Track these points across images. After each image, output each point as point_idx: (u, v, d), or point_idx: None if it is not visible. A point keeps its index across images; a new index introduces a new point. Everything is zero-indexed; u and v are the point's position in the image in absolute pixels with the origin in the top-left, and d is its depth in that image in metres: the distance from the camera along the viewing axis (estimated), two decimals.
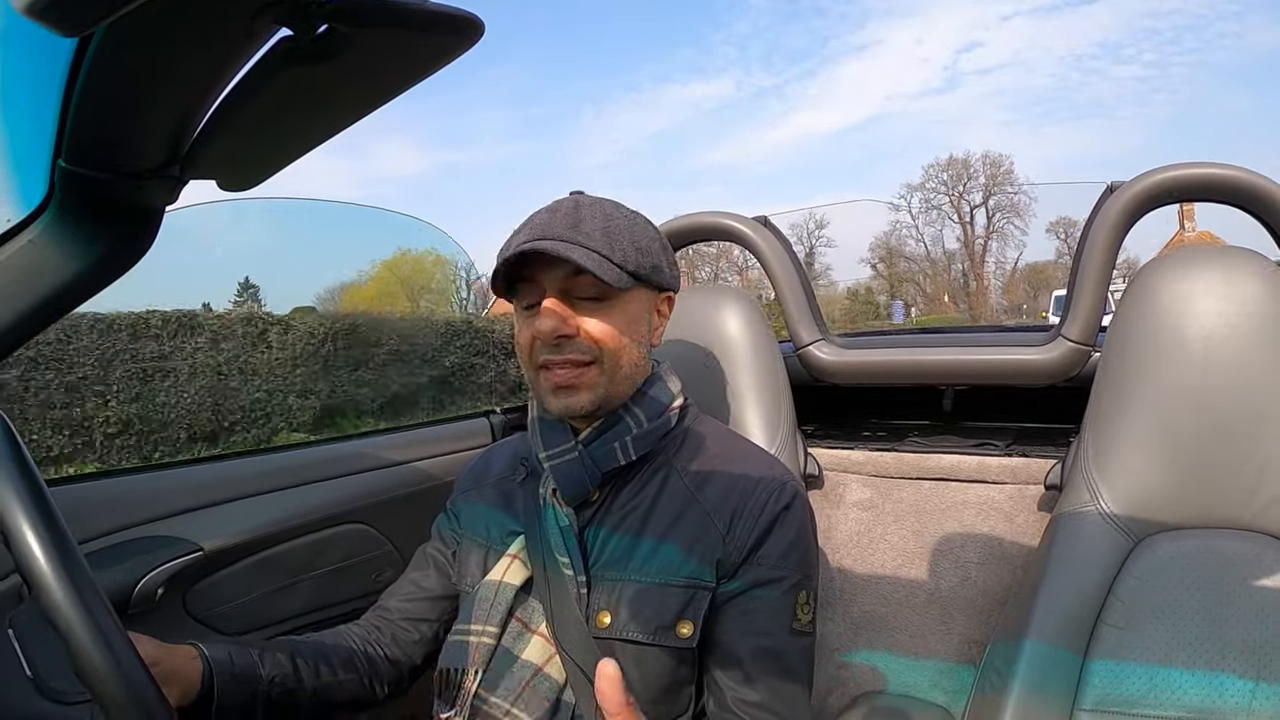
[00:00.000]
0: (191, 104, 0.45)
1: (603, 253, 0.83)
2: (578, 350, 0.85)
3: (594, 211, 0.86)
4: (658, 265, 0.89)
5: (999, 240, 11.89)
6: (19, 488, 0.56)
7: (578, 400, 0.86)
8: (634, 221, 0.89)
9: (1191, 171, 1.11)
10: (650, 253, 0.88)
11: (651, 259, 0.88)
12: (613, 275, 0.83)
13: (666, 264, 0.92)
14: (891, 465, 1.40)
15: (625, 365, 0.88)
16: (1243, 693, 0.85)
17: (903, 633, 1.31)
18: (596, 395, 0.86)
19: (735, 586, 0.86)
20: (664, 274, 0.91)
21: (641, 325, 0.90)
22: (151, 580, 1.06)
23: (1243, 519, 0.95)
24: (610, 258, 0.83)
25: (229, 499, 1.21)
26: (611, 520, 0.90)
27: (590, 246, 0.83)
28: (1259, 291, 0.97)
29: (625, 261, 0.84)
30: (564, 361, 0.85)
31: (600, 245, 0.83)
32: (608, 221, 0.85)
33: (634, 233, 0.87)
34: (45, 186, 0.55)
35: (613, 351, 0.86)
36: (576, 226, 0.84)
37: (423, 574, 1.01)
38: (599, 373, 0.86)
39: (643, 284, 0.88)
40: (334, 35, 0.38)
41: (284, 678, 0.85)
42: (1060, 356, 1.25)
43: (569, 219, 0.85)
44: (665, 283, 0.92)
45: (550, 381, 0.86)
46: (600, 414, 0.89)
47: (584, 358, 0.85)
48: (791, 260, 1.48)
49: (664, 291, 0.94)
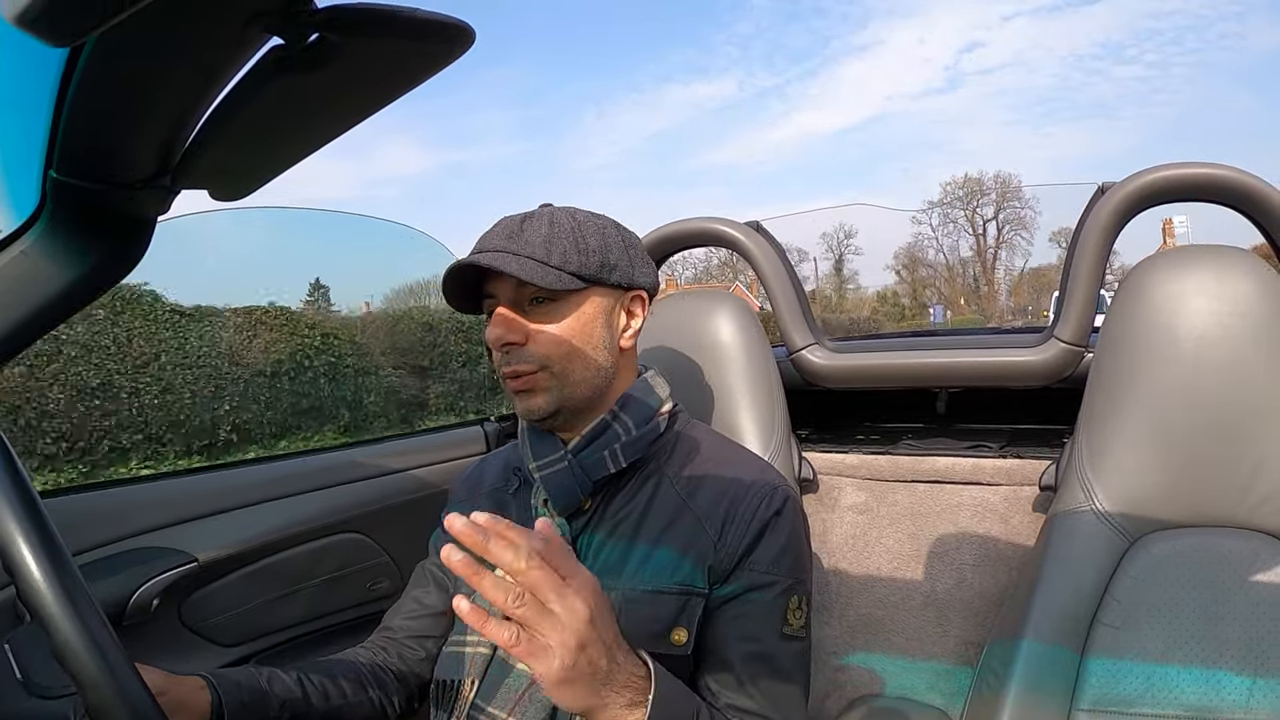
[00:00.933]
0: (183, 114, 0.45)
1: (537, 258, 0.84)
2: (523, 360, 0.86)
3: (540, 221, 0.87)
4: (609, 263, 0.88)
5: (1007, 249, 13.95)
6: (12, 501, 0.56)
7: (535, 403, 0.87)
8: (583, 225, 0.88)
9: (1183, 171, 1.12)
10: (597, 251, 0.87)
11: (600, 257, 0.87)
12: (549, 279, 0.83)
13: (626, 262, 0.91)
14: (886, 468, 1.40)
15: (579, 368, 0.88)
16: (1240, 690, 0.85)
17: (899, 635, 1.31)
18: (551, 398, 0.87)
19: (728, 592, 0.86)
20: (621, 271, 0.90)
21: (596, 326, 0.89)
22: (146, 591, 1.06)
23: (1237, 517, 0.96)
24: (546, 261, 0.84)
25: (224, 509, 1.21)
26: (604, 528, 0.89)
27: (524, 254, 0.84)
28: (1251, 290, 0.98)
29: (565, 263, 0.85)
30: (512, 371, 0.87)
31: (536, 251, 0.84)
32: (551, 228, 0.86)
33: (579, 235, 0.87)
34: (37, 197, 0.55)
35: (561, 356, 0.87)
36: (514, 236, 0.86)
37: (424, 591, 1.01)
38: (549, 377, 0.87)
39: (595, 284, 0.88)
40: (325, 44, 0.38)
41: (293, 703, 0.84)
42: (1053, 357, 1.25)
43: (507, 230, 0.87)
44: (626, 280, 0.91)
45: (510, 386, 0.88)
46: (564, 417, 0.89)
47: (529, 367, 0.86)
48: (784, 265, 1.48)
49: (631, 290, 0.93)
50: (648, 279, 0.94)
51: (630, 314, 0.93)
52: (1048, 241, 14.39)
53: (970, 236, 15.01)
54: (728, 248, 1.49)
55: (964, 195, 14.33)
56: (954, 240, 15.50)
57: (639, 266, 0.93)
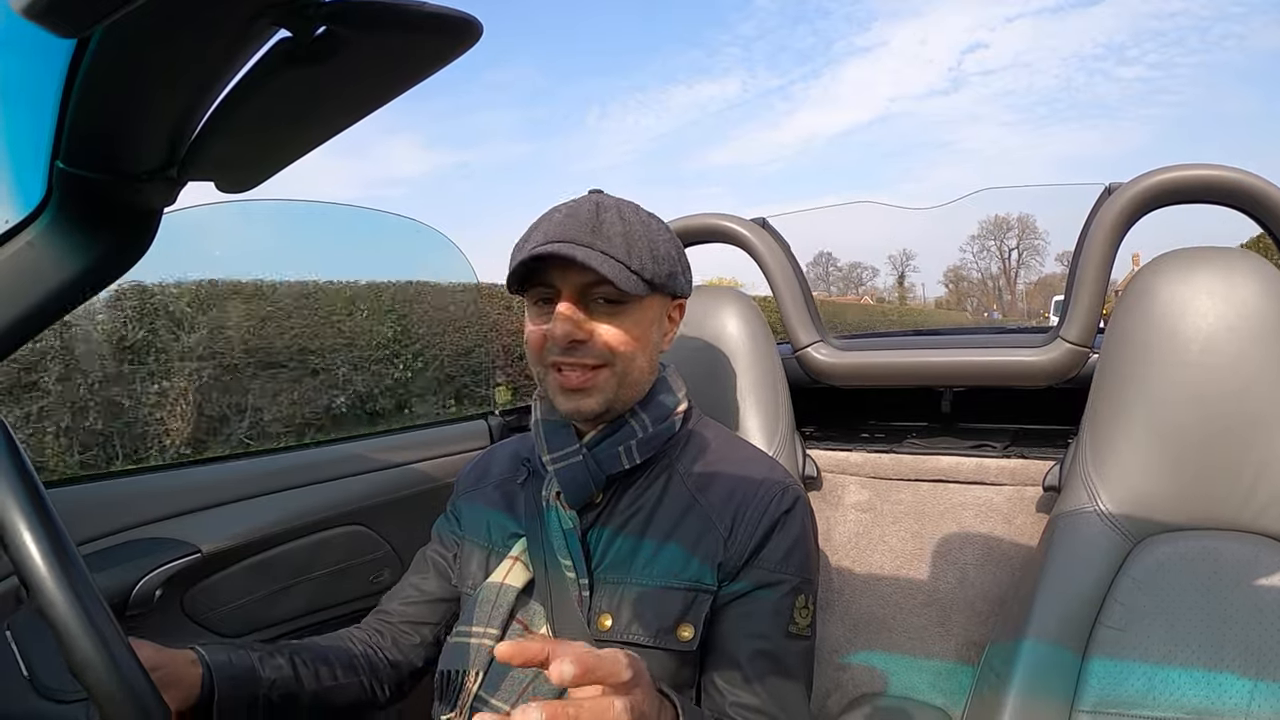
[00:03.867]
0: (190, 105, 0.45)
1: (621, 259, 0.82)
2: (590, 355, 0.85)
3: (613, 215, 0.85)
4: (674, 273, 0.88)
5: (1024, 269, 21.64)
6: (16, 490, 0.56)
7: (587, 403, 0.86)
8: (651, 227, 0.87)
9: (1190, 173, 1.11)
10: (667, 260, 0.87)
11: (668, 266, 0.87)
12: (631, 284, 0.82)
13: (681, 270, 0.91)
14: (890, 467, 1.40)
15: (636, 371, 0.88)
16: (1241, 693, 0.85)
17: (901, 634, 1.31)
18: (606, 399, 0.86)
19: (736, 589, 0.86)
20: (679, 281, 0.90)
21: (653, 332, 0.89)
22: (150, 582, 1.06)
23: (1240, 520, 0.96)
24: (628, 265, 0.82)
25: (227, 501, 1.21)
26: (615, 523, 0.90)
27: (609, 253, 0.82)
28: (1258, 292, 0.97)
29: (643, 269, 0.83)
30: (576, 364, 0.85)
31: (619, 252, 0.82)
32: (627, 227, 0.84)
33: (652, 239, 0.86)
34: (44, 188, 0.55)
35: (625, 357, 0.86)
36: (597, 231, 0.83)
37: (423, 577, 1.01)
38: (610, 375, 0.86)
39: (658, 291, 0.87)
40: (332, 37, 0.38)
41: (284, 681, 0.84)
42: (1058, 358, 1.25)
43: (589, 223, 0.83)
44: (679, 290, 0.91)
45: (560, 383, 0.86)
46: (607, 417, 0.89)
47: (596, 361, 0.85)
48: (790, 262, 1.48)
49: (677, 298, 0.93)
50: (690, 288, 0.94)
51: (671, 320, 0.94)
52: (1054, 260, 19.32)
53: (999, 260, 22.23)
54: (734, 244, 1.48)
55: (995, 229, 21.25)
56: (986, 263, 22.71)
57: (687, 274, 0.93)
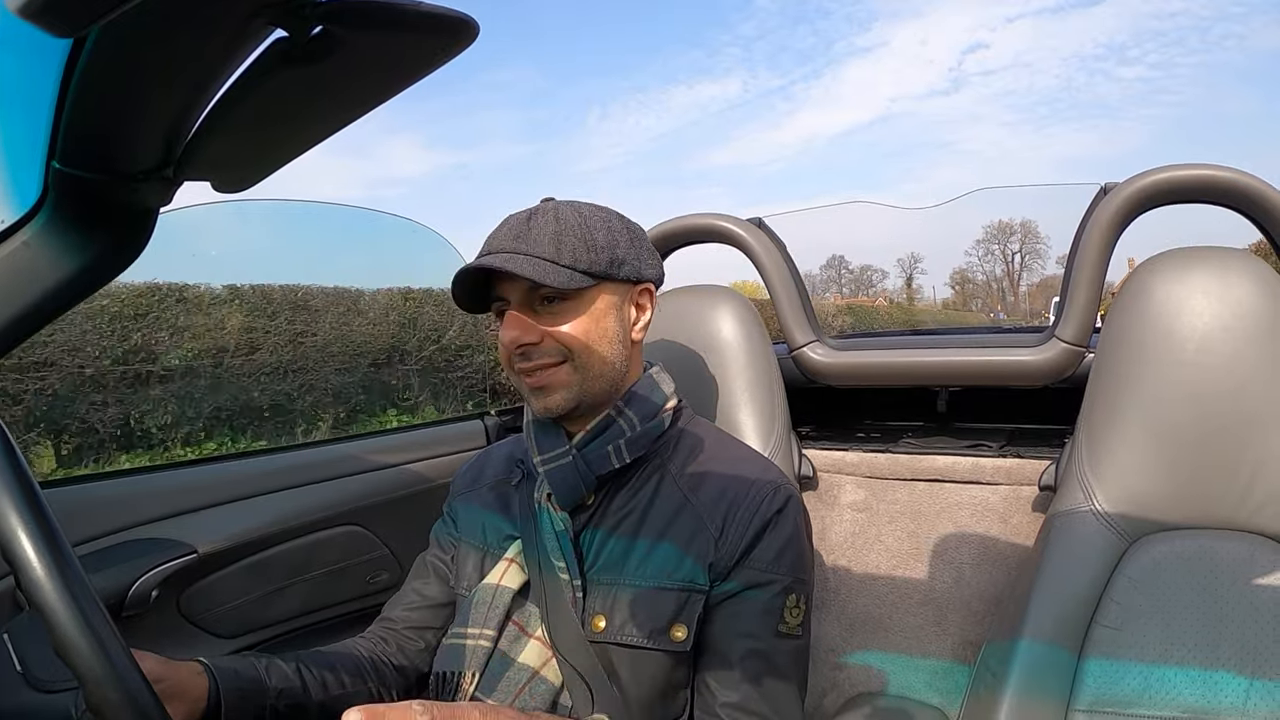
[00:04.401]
0: (186, 105, 0.45)
1: (547, 257, 0.83)
2: (545, 354, 0.87)
3: (547, 218, 0.86)
4: (618, 259, 0.88)
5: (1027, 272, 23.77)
6: (12, 491, 0.56)
7: (554, 399, 0.87)
8: (589, 220, 0.88)
9: (1186, 173, 1.11)
10: (605, 247, 0.87)
11: (608, 253, 0.87)
12: (561, 278, 0.83)
13: (634, 255, 0.91)
14: (886, 466, 1.40)
15: (597, 362, 0.88)
16: (1237, 692, 0.86)
17: (898, 633, 1.31)
18: (572, 393, 0.87)
19: (727, 589, 0.86)
20: (630, 265, 0.90)
21: (609, 321, 0.89)
22: (146, 583, 1.06)
23: (1236, 519, 0.96)
24: (557, 261, 0.84)
25: (223, 501, 1.21)
26: (607, 524, 0.90)
27: (535, 254, 0.84)
28: (1253, 292, 0.98)
29: (576, 261, 0.84)
30: (534, 367, 0.87)
31: (545, 250, 0.84)
32: (559, 225, 0.86)
33: (587, 231, 0.86)
34: (39, 188, 0.55)
35: (580, 349, 0.87)
36: (522, 236, 0.85)
37: (424, 582, 1.01)
38: (571, 370, 0.87)
39: (605, 280, 0.88)
40: (329, 36, 0.38)
41: (291, 691, 0.84)
42: (1054, 357, 1.25)
43: (515, 230, 0.86)
44: (634, 274, 0.91)
45: (527, 384, 0.88)
46: (580, 412, 0.89)
47: (552, 360, 0.86)
48: (786, 262, 1.48)
49: (640, 284, 0.93)
50: (655, 271, 0.94)
51: (639, 307, 0.94)
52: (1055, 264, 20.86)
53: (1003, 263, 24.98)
54: (730, 244, 1.48)
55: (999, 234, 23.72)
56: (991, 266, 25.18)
57: (646, 259, 0.93)
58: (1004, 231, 24.90)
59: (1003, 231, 24.95)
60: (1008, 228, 24.45)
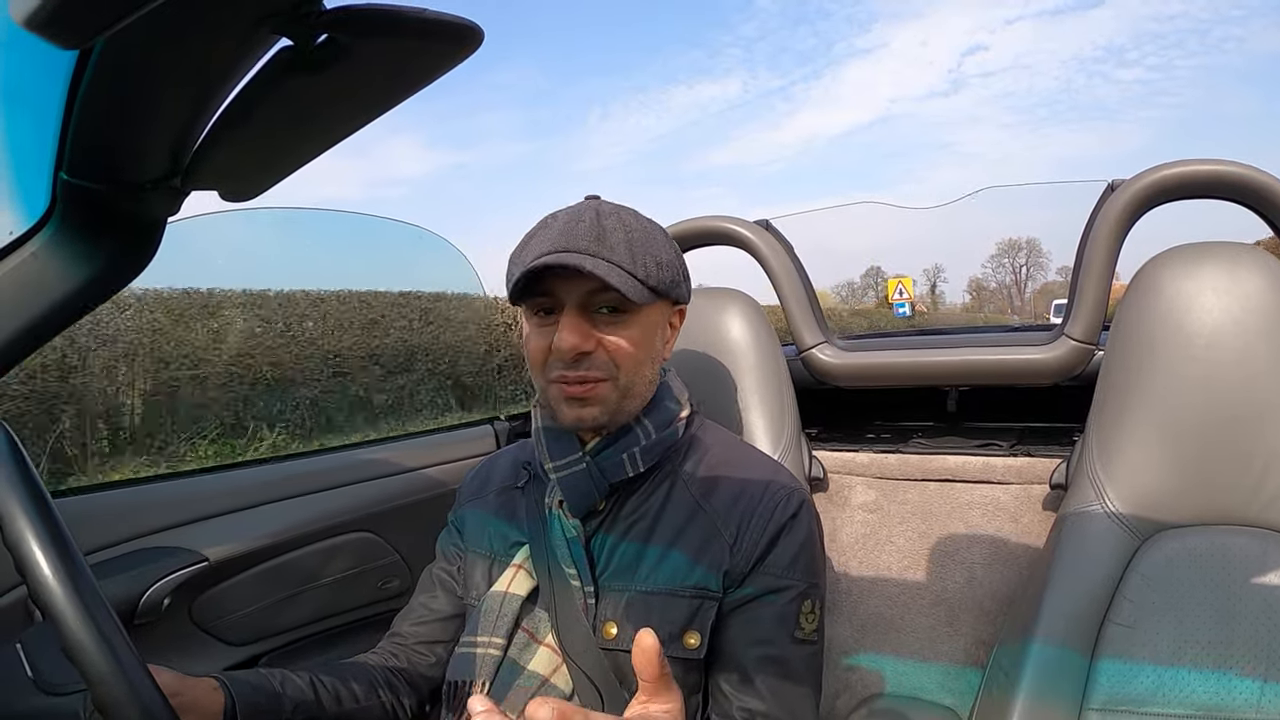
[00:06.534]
0: (192, 115, 0.45)
1: (626, 267, 0.80)
2: (595, 367, 0.83)
3: (615, 222, 0.83)
4: (676, 279, 0.87)
5: (1031, 281, 27.70)
6: (23, 500, 0.56)
7: (590, 413, 0.85)
8: (652, 234, 0.86)
9: (1195, 168, 1.11)
10: (670, 267, 0.85)
11: (671, 273, 0.86)
12: (637, 292, 0.80)
13: (683, 277, 0.90)
14: (896, 467, 1.40)
15: (640, 382, 0.87)
16: (1251, 691, 0.85)
17: (909, 635, 1.31)
18: (608, 409, 0.85)
19: (742, 595, 0.85)
20: (681, 288, 0.89)
21: (655, 340, 0.88)
22: (158, 591, 1.06)
23: (1248, 515, 0.95)
24: (634, 273, 0.81)
25: (234, 509, 1.21)
26: (618, 530, 0.89)
27: (615, 261, 0.80)
28: (1263, 286, 0.97)
29: (648, 276, 0.82)
30: (580, 377, 0.83)
31: (624, 260, 0.81)
32: (629, 234, 0.83)
33: (653, 246, 0.84)
34: (47, 199, 0.55)
35: (630, 368, 0.85)
36: (601, 239, 0.81)
37: (431, 596, 1.00)
38: (613, 388, 0.85)
39: (661, 299, 0.86)
40: (333, 45, 0.38)
41: (306, 704, 0.83)
42: (1064, 355, 1.25)
43: (593, 230, 0.82)
44: (681, 296, 0.90)
45: (563, 393, 0.85)
46: (610, 427, 0.88)
47: (600, 375, 0.83)
48: (794, 263, 1.48)
49: (678, 305, 0.92)
50: (689, 293, 0.93)
51: (672, 326, 0.93)
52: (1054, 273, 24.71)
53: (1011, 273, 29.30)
54: (737, 246, 1.48)
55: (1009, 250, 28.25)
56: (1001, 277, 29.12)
57: (686, 281, 0.92)
58: (1013, 248, 29.90)
59: (1012, 248, 29.75)
60: (1016, 244, 29.34)
